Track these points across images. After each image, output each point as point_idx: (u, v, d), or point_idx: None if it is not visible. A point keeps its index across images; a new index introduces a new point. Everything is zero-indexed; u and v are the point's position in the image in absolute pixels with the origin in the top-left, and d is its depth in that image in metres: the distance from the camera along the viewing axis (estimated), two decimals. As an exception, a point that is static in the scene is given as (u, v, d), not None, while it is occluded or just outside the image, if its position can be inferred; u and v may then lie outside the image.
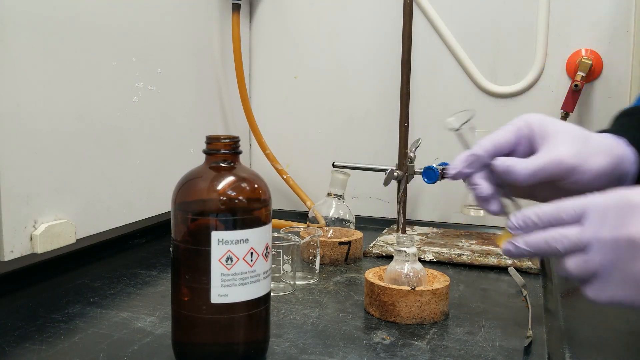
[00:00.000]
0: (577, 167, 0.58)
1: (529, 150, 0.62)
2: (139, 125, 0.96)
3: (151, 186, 0.99)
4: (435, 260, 0.96)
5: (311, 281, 0.86)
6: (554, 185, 0.61)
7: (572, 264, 0.50)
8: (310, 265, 0.88)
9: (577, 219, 0.50)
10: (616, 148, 0.61)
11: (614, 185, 0.62)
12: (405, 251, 0.74)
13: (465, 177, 0.62)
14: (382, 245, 1.02)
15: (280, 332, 0.66)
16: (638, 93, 0.71)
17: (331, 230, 1.01)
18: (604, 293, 0.49)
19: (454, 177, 0.62)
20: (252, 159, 1.37)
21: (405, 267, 0.74)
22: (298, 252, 0.84)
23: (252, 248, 0.55)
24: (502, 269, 0.92)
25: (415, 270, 0.74)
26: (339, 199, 1.06)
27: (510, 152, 0.61)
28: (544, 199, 0.64)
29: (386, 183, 1.07)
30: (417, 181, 1.10)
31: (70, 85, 0.81)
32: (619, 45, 1.10)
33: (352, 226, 1.05)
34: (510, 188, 0.62)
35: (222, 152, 0.57)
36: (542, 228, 0.52)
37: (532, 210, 0.52)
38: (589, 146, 0.60)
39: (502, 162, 0.59)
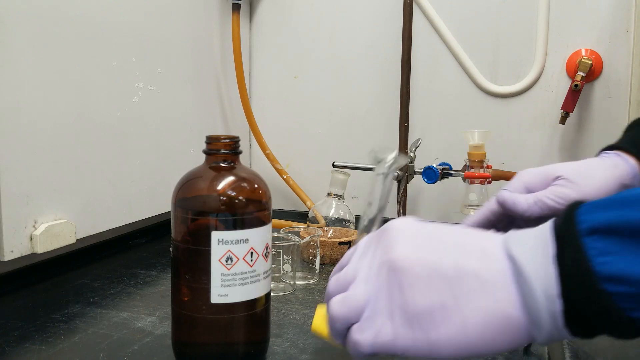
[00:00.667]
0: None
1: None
2: (139, 125, 0.96)
3: (151, 186, 0.99)
4: (435, 260, 0.96)
5: (311, 281, 0.86)
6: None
7: (334, 303, 0.43)
8: (310, 265, 0.88)
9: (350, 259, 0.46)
10: (619, 174, 0.63)
11: None
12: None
13: None
14: (382, 245, 1.02)
15: (280, 332, 0.66)
16: None
17: (331, 230, 1.01)
18: (369, 331, 0.41)
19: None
20: (252, 159, 1.37)
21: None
22: (298, 252, 0.84)
23: (252, 248, 0.55)
24: (502, 269, 0.92)
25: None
26: (339, 199, 1.06)
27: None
28: None
29: (386, 183, 1.07)
30: (417, 181, 1.10)
31: (70, 85, 0.81)
32: (619, 45, 1.10)
33: (352, 226, 1.05)
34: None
35: (222, 152, 0.57)
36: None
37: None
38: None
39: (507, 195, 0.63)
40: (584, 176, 0.63)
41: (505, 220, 0.66)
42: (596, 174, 0.64)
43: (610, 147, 0.68)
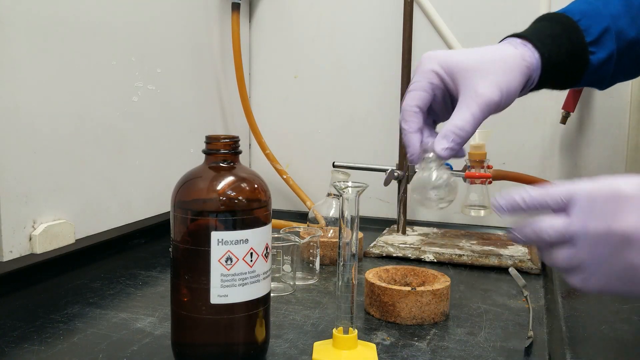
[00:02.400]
0: (500, 100, 0.62)
1: (446, 94, 0.66)
2: (139, 125, 0.96)
3: (150, 186, 0.99)
4: (435, 260, 0.96)
5: (311, 282, 0.86)
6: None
7: (559, 255, 0.49)
8: (310, 265, 0.87)
9: (563, 207, 0.49)
10: (523, 61, 0.64)
11: (523, 93, 0.67)
12: (428, 156, 0.64)
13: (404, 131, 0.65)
14: (382, 246, 1.02)
15: (280, 333, 0.66)
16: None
17: (331, 230, 1.00)
18: (590, 284, 0.48)
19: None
20: (252, 159, 1.37)
21: (434, 175, 0.64)
22: (298, 252, 0.84)
23: (251, 248, 0.55)
24: (502, 270, 0.92)
25: (443, 178, 0.64)
26: (339, 199, 1.06)
27: (430, 107, 0.65)
28: None
29: (386, 183, 1.07)
30: (418, 181, 1.10)
31: (70, 85, 0.81)
32: (620, 45, 1.10)
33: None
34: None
35: (222, 152, 0.57)
36: (527, 212, 0.51)
37: (518, 192, 0.51)
38: (501, 71, 0.63)
39: (440, 146, 0.62)
40: (491, 61, 0.64)
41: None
42: (507, 61, 0.64)
43: (517, 36, 0.68)
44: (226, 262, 0.54)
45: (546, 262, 0.51)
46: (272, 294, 0.70)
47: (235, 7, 1.21)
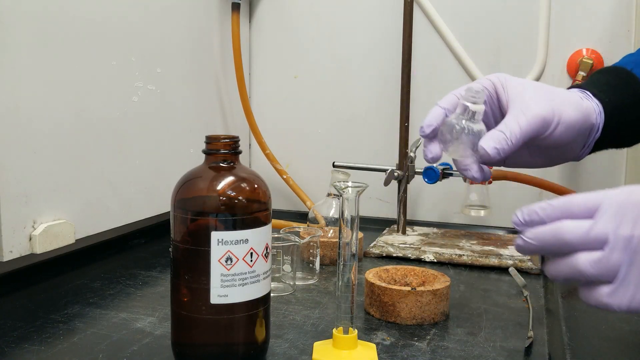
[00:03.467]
0: (552, 120, 0.60)
1: (495, 107, 0.64)
2: (139, 125, 0.96)
3: (151, 186, 0.99)
4: (435, 260, 0.96)
5: (311, 282, 0.86)
6: (530, 145, 0.63)
7: (586, 261, 0.45)
8: (310, 265, 0.87)
9: (589, 214, 0.45)
10: (583, 101, 0.63)
11: (583, 138, 0.65)
12: (468, 107, 0.61)
13: (426, 137, 0.64)
14: (383, 246, 1.02)
15: (280, 333, 0.66)
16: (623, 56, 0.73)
17: (331, 230, 1.00)
18: (624, 297, 0.44)
19: (423, 135, 0.64)
20: (252, 159, 1.37)
21: (464, 123, 0.61)
22: (298, 252, 0.84)
23: (251, 248, 0.55)
24: (502, 270, 0.92)
25: (473, 131, 0.61)
26: (339, 199, 1.06)
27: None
28: (521, 163, 0.67)
29: (386, 183, 1.07)
30: (418, 181, 1.10)
31: (70, 84, 0.81)
32: (620, 44, 1.10)
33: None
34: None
35: (222, 152, 0.57)
36: (548, 222, 0.47)
37: (539, 204, 0.48)
38: (558, 99, 0.61)
39: (486, 144, 0.59)
40: (549, 90, 0.62)
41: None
42: (565, 94, 0.63)
43: (578, 87, 0.67)
44: (226, 262, 0.54)
45: (563, 273, 0.47)
46: (272, 294, 0.70)
47: (235, 7, 1.21)
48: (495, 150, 0.59)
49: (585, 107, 0.63)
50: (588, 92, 0.65)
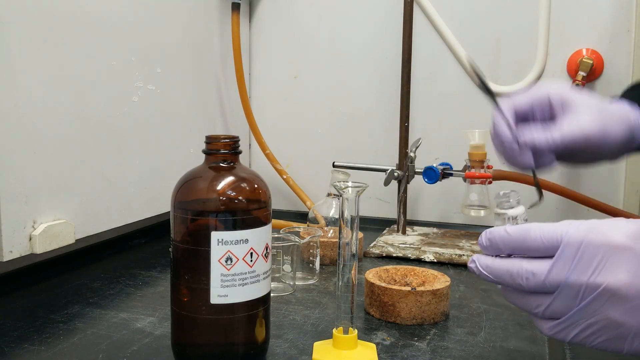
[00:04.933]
0: (598, 138, 0.60)
1: (547, 117, 0.64)
2: (139, 125, 0.96)
3: (151, 186, 0.99)
4: (435, 260, 0.96)
5: (311, 282, 0.86)
6: (573, 155, 0.63)
7: (533, 304, 0.46)
8: (310, 265, 0.87)
9: (546, 252, 0.45)
10: (631, 116, 0.63)
11: (626, 151, 0.65)
12: (506, 214, 0.64)
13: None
14: (382, 246, 1.02)
15: (280, 333, 0.66)
16: None
17: (331, 230, 1.00)
18: (562, 334, 0.45)
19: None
20: (252, 159, 1.37)
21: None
22: (298, 252, 0.84)
23: (251, 248, 0.55)
24: (502, 269, 0.92)
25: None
26: (339, 199, 1.06)
27: (526, 116, 0.64)
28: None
29: (386, 183, 1.07)
30: (418, 181, 1.10)
31: (70, 84, 0.81)
32: (620, 44, 1.10)
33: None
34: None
35: (222, 152, 0.57)
36: (506, 253, 0.48)
37: (500, 231, 0.48)
38: (608, 116, 0.62)
39: (528, 136, 0.61)
40: (602, 107, 0.63)
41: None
42: (613, 108, 0.63)
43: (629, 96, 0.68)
44: (226, 262, 0.54)
45: (516, 304, 0.48)
46: (272, 294, 0.70)
47: (235, 7, 1.21)
48: (531, 144, 0.61)
49: (632, 122, 0.63)
50: (635, 106, 0.66)
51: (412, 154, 1.07)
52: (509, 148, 0.63)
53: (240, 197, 0.56)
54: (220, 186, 0.56)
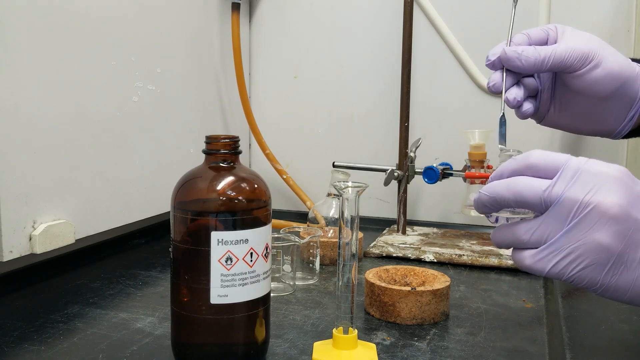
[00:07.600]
0: (589, 57, 0.60)
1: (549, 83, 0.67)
2: (138, 125, 0.96)
3: (150, 186, 0.99)
4: (435, 260, 0.96)
5: (311, 282, 0.86)
6: (565, 83, 0.64)
7: (523, 230, 0.48)
8: (310, 265, 0.87)
9: (546, 174, 0.48)
10: (629, 66, 0.63)
11: (621, 105, 0.65)
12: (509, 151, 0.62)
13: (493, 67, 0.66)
14: (382, 246, 1.02)
15: (280, 333, 0.66)
16: None
17: (331, 231, 1.00)
18: (541, 262, 0.47)
19: (488, 63, 0.66)
20: (252, 159, 1.37)
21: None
22: (298, 252, 0.84)
23: (251, 248, 0.55)
24: (503, 270, 0.92)
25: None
26: (339, 199, 1.06)
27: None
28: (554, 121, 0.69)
29: (386, 183, 1.07)
30: (418, 181, 1.10)
31: (69, 84, 0.81)
32: (620, 44, 1.10)
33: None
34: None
35: (222, 152, 0.57)
36: (507, 175, 0.50)
37: (505, 157, 0.51)
38: (606, 48, 0.62)
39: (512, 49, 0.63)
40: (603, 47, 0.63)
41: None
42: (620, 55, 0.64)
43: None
44: (226, 262, 0.54)
45: (500, 239, 0.50)
46: (272, 294, 0.70)
47: (235, 7, 1.21)
48: (516, 54, 0.63)
49: (632, 68, 0.63)
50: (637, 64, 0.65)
51: (412, 154, 1.07)
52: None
53: (240, 197, 0.56)
54: (220, 186, 0.56)
